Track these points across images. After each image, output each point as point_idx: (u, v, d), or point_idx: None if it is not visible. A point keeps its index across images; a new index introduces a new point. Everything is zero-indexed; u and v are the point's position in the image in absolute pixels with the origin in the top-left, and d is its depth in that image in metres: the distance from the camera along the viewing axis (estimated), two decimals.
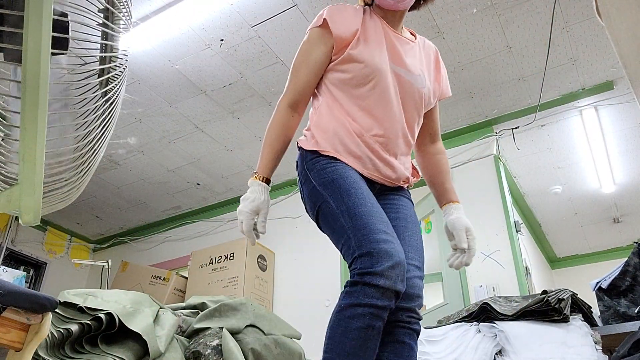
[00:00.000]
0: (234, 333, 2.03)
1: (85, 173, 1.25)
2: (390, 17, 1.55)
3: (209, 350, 1.87)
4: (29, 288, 2.71)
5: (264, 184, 1.46)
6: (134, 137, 4.28)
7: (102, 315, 1.71)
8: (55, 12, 1.02)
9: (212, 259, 4.36)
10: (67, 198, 1.27)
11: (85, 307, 1.74)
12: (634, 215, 5.26)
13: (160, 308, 1.99)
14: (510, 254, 3.48)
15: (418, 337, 1.38)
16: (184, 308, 2.21)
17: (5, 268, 3.38)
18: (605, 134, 4.06)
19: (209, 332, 1.98)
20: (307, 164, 1.45)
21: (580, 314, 2.25)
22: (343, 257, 1.33)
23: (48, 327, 1.33)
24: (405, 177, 1.54)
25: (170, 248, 5.39)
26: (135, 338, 1.75)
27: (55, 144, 1.14)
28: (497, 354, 2.17)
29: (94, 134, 1.21)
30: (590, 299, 2.49)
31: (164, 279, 4.38)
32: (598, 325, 2.36)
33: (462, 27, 3.24)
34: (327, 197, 1.35)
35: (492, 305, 2.31)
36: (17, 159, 1.02)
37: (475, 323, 2.34)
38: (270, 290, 4.40)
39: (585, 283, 2.76)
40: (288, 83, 1.54)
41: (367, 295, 1.19)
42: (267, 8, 3.11)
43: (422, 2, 1.59)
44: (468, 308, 2.49)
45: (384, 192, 1.52)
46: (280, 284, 4.45)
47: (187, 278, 4.46)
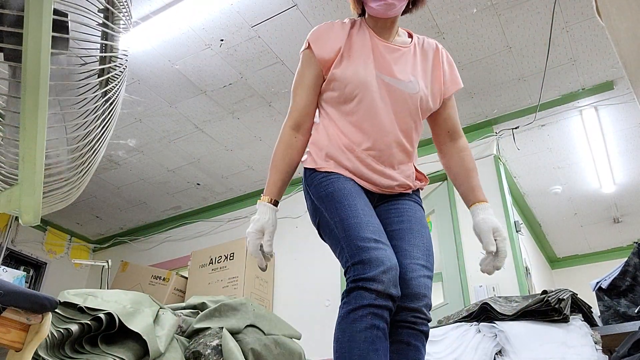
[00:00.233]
0: (234, 333, 2.03)
1: (85, 173, 1.25)
2: (381, 25, 1.56)
3: (209, 350, 1.87)
4: (29, 288, 2.72)
5: (270, 205, 1.48)
6: (134, 137, 4.28)
7: (102, 315, 1.71)
8: (55, 12, 1.02)
9: (212, 259, 4.36)
10: (67, 198, 1.27)
11: (85, 307, 1.74)
12: (634, 215, 5.26)
13: (160, 308, 1.99)
14: (510, 254, 3.48)
15: (427, 339, 1.35)
16: (184, 308, 2.21)
17: (5, 268, 3.38)
18: (605, 134, 4.06)
19: (209, 332, 1.98)
20: (307, 180, 1.53)
21: (580, 314, 2.25)
22: (342, 266, 1.37)
23: (48, 327, 1.33)
24: (406, 184, 1.54)
25: (170, 248, 5.40)
26: (135, 338, 1.75)
27: (55, 144, 1.14)
28: (497, 354, 2.17)
29: (94, 134, 1.21)
30: (590, 299, 2.49)
31: (164, 279, 4.38)
32: (598, 325, 2.36)
33: (462, 27, 3.24)
34: (323, 210, 1.43)
35: (492, 305, 2.31)
36: (17, 159, 1.02)
37: (475, 323, 2.34)
38: (270, 290, 4.40)
39: (585, 283, 2.76)
40: (289, 107, 1.59)
41: (364, 298, 1.23)
42: (267, 8, 3.12)
43: (412, 6, 1.58)
44: (468, 308, 2.49)
45: (387, 198, 1.53)
46: (280, 284, 4.45)
47: (187, 278, 4.46)
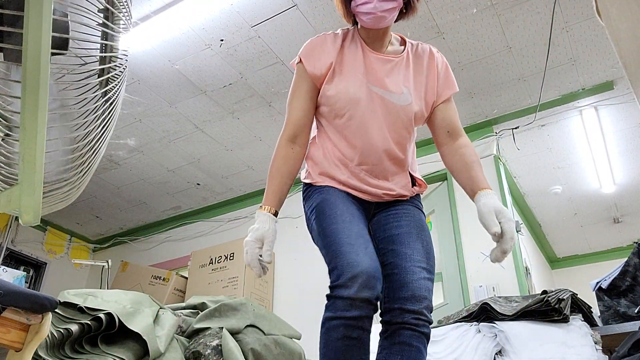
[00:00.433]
0: (234, 333, 2.03)
1: (85, 173, 1.25)
2: (373, 35, 1.55)
3: (209, 351, 1.87)
4: (29, 288, 2.72)
5: (269, 214, 1.46)
6: (134, 137, 4.28)
7: (102, 315, 1.71)
8: (55, 12, 1.02)
9: (212, 259, 4.36)
10: (67, 198, 1.27)
11: (85, 307, 1.74)
12: (634, 215, 5.26)
13: (160, 308, 1.99)
14: (510, 254, 3.47)
15: (428, 340, 1.35)
16: (184, 308, 2.21)
17: (5, 268, 3.38)
18: (605, 134, 4.06)
19: (209, 332, 1.98)
20: (303, 194, 1.59)
21: (580, 314, 2.25)
22: None
23: (48, 327, 1.33)
24: (402, 194, 1.55)
25: (170, 248, 5.39)
26: (135, 338, 1.75)
27: (55, 144, 1.14)
28: (497, 354, 2.17)
29: (94, 134, 1.21)
30: (590, 299, 2.49)
31: (164, 279, 4.38)
32: (598, 325, 2.36)
33: (462, 27, 3.24)
34: (312, 221, 1.48)
35: (492, 305, 2.31)
36: (17, 159, 1.02)
37: (475, 323, 2.33)
38: (270, 290, 4.40)
39: (585, 283, 2.76)
40: (285, 118, 1.59)
41: (337, 308, 1.28)
42: (267, 8, 3.11)
43: (406, 12, 1.54)
44: (468, 308, 2.48)
45: (385, 205, 1.55)
46: (280, 284, 4.44)
47: (187, 278, 4.46)
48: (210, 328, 2.00)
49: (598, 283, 2.52)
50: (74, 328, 1.65)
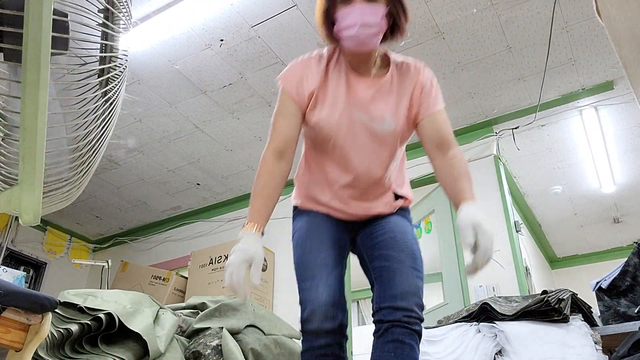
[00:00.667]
0: (234, 333, 2.03)
1: (85, 173, 1.25)
2: (358, 58, 1.50)
3: (209, 351, 1.87)
4: (29, 288, 2.71)
5: (255, 234, 1.38)
6: (134, 137, 4.28)
7: (102, 316, 1.71)
8: (55, 12, 1.02)
9: (212, 259, 4.36)
10: (67, 198, 1.27)
11: (85, 307, 1.74)
12: (634, 215, 5.26)
13: (160, 308, 1.99)
14: (510, 254, 3.48)
15: (420, 338, 1.37)
16: (184, 308, 2.21)
17: (5, 268, 3.38)
18: (605, 134, 4.06)
19: (209, 332, 1.98)
20: (292, 214, 1.68)
21: (580, 314, 2.25)
22: None
23: (48, 327, 1.33)
24: (384, 213, 1.58)
25: (170, 248, 5.39)
26: (135, 338, 1.75)
27: (55, 144, 1.14)
28: (497, 354, 2.17)
29: (94, 134, 1.21)
30: (590, 299, 2.49)
31: (164, 279, 4.37)
32: (598, 325, 2.36)
33: (462, 27, 3.24)
34: (293, 249, 1.59)
35: (492, 305, 2.31)
36: (17, 159, 1.02)
37: (475, 323, 2.33)
38: (270, 290, 4.40)
39: (585, 283, 2.76)
40: (269, 134, 1.55)
41: (307, 341, 1.41)
42: (267, 8, 3.11)
43: (392, 35, 1.49)
44: (468, 308, 2.48)
45: (368, 220, 1.59)
46: (280, 284, 4.44)
47: (187, 278, 4.45)
48: (210, 328, 2.00)
49: (598, 283, 2.52)
50: (74, 328, 1.65)
